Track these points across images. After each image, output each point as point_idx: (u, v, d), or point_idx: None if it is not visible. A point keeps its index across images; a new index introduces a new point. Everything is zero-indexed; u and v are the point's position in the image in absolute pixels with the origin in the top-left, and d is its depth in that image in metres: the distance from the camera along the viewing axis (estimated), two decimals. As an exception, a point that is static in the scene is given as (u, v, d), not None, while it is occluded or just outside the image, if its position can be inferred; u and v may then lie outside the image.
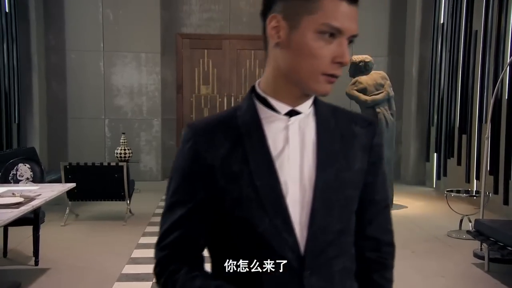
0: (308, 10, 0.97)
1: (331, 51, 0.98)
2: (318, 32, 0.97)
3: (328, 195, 1.03)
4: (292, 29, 0.99)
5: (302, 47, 0.98)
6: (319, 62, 0.98)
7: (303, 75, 1.00)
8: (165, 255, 1.05)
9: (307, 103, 1.07)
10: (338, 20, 0.96)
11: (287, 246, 1.00)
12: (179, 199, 1.05)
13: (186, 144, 1.05)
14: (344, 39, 0.98)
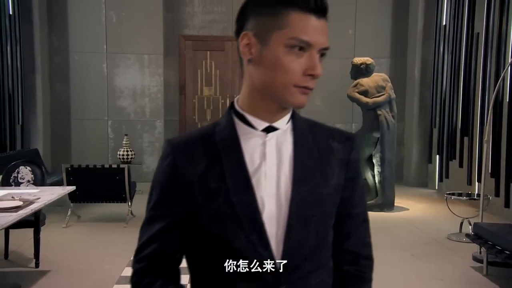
0: (277, 25, 0.99)
1: (302, 64, 1.00)
2: (288, 46, 0.99)
3: (304, 210, 1.05)
4: (263, 45, 1.01)
5: (274, 62, 1.00)
6: (290, 75, 1.00)
7: (277, 89, 1.02)
8: (142, 267, 1.07)
9: (285, 119, 1.08)
10: (307, 34, 0.99)
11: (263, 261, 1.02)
12: (157, 213, 1.07)
13: (165, 160, 1.07)
14: (314, 52, 1.00)
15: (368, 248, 1.22)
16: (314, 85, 1.03)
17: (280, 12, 0.99)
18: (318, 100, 8.75)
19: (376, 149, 6.68)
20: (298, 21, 0.99)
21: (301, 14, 0.99)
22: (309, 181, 1.07)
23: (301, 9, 0.99)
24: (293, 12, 0.99)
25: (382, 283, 4.04)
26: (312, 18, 1.00)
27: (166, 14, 8.59)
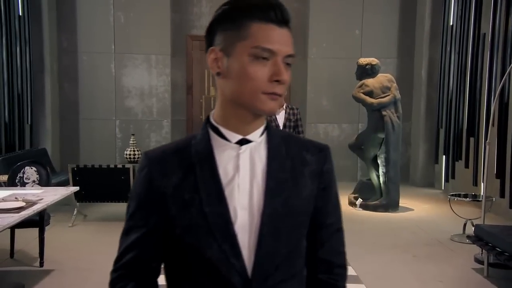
0: (240, 37, 1.04)
1: (267, 72, 1.03)
2: (252, 55, 1.03)
3: (275, 221, 1.08)
4: (229, 57, 1.05)
5: (240, 72, 1.04)
6: (257, 83, 1.03)
7: (246, 98, 1.05)
8: (118, 276, 1.11)
9: (258, 131, 1.12)
10: (268, 42, 1.03)
11: (234, 270, 1.05)
12: (134, 224, 1.11)
13: (141, 172, 1.11)
14: (278, 59, 1.04)
15: (342, 257, 1.24)
16: (282, 91, 1.06)
17: (243, 24, 1.04)
18: (324, 100, 8.76)
19: (381, 150, 6.68)
20: (259, 31, 1.03)
21: (262, 25, 1.03)
22: (281, 193, 1.10)
23: (262, 20, 1.04)
24: (254, 23, 1.03)
25: (380, 284, 4.09)
26: (273, 27, 1.04)
27: (173, 15, 8.64)
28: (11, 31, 7.33)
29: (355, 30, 8.75)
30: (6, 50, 7.19)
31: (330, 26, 8.63)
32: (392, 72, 8.57)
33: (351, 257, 4.66)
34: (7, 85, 7.23)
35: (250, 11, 1.04)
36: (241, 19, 1.04)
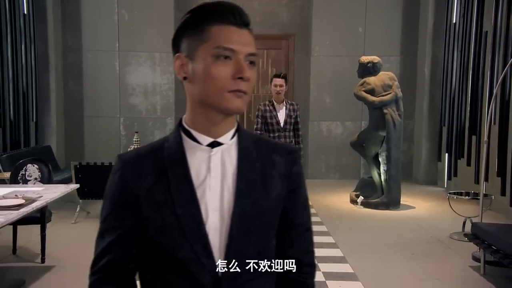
0: (202, 40, 1.08)
1: (230, 70, 1.07)
2: (214, 56, 1.07)
3: (245, 222, 1.12)
4: (193, 61, 1.10)
5: (204, 73, 1.08)
6: (221, 82, 1.07)
7: (212, 97, 1.09)
8: (96, 279, 1.15)
9: (229, 134, 1.15)
10: (229, 42, 1.07)
11: (205, 270, 1.09)
12: (109, 226, 1.14)
13: (115, 174, 1.15)
14: (240, 58, 1.08)
15: (310, 256, 1.27)
16: (247, 88, 1.09)
17: (204, 28, 1.09)
18: (327, 98, 8.78)
19: (382, 148, 6.70)
20: (219, 32, 1.08)
21: (222, 26, 1.08)
22: (251, 194, 1.13)
23: (221, 23, 1.09)
24: (214, 26, 1.08)
25: (377, 281, 4.12)
26: (233, 29, 1.09)
27: (177, 13, 8.68)
28: (16, 29, 7.41)
29: (358, 28, 8.75)
30: (11, 48, 7.27)
31: (333, 24, 8.65)
32: (395, 70, 8.59)
33: (349, 254, 4.74)
34: (12, 82, 7.31)
35: (210, 16, 1.09)
36: (202, 24, 1.09)
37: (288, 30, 8.98)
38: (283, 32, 8.96)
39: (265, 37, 8.84)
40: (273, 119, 5.13)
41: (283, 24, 8.99)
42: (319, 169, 8.84)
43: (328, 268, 4.40)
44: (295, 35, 8.98)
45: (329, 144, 8.82)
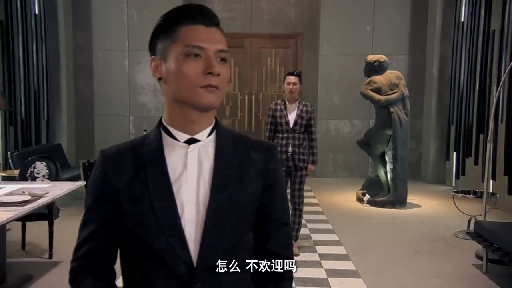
0: (173, 40, 1.14)
1: (200, 67, 1.13)
2: (184, 55, 1.13)
3: (220, 216, 1.17)
4: (166, 61, 1.16)
5: (176, 71, 1.14)
6: (192, 78, 1.13)
7: (186, 94, 1.14)
8: (77, 266, 1.21)
9: (205, 131, 1.20)
10: (197, 40, 1.13)
11: (180, 261, 1.14)
12: (90, 217, 1.21)
13: (97, 169, 1.21)
14: (209, 54, 1.13)
15: (288, 249, 1.31)
16: (218, 83, 1.14)
17: (174, 30, 1.15)
18: (335, 96, 8.80)
19: (388, 146, 6.72)
20: (188, 32, 1.14)
21: (190, 26, 1.15)
22: (226, 189, 1.18)
23: (190, 24, 1.15)
24: (183, 27, 1.15)
25: (378, 279, 4.15)
26: (201, 27, 1.15)
27: (186, 12, 8.75)
28: (27, 29, 7.53)
29: (366, 27, 8.76)
30: (22, 47, 7.40)
31: (341, 23, 8.66)
32: (403, 69, 8.59)
33: (352, 252, 4.77)
34: (23, 82, 7.44)
35: (180, 18, 1.15)
36: (173, 26, 1.15)
37: (296, 29, 9.02)
38: (291, 31, 8.99)
39: (273, 36, 8.90)
40: (282, 118, 4.73)
41: (291, 23, 9.03)
42: (327, 168, 8.87)
43: (331, 266, 4.44)
44: (303, 34, 9.01)
45: (337, 143, 8.84)
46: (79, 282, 1.19)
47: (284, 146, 4.66)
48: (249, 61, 9.00)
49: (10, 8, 7.12)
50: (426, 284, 4.13)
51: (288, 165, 4.64)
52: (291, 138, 4.67)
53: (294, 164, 4.65)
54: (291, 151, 4.65)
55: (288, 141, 4.66)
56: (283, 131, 4.71)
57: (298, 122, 4.69)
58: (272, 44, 8.95)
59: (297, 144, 4.68)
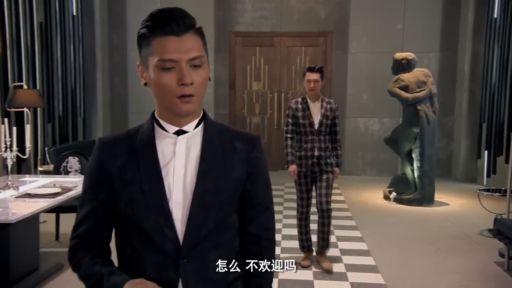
0: (149, 53, 1.25)
1: (174, 78, 1.23)
2: (159, 67, 1.23)
3: (205, 198, 1.29)
4: (148, 70, 1.27)
5: (154, 82, 1.26)
6: (168, 90, 1.24)
7: (165, 102, 1.28)
8: (75, 244, 1.35)
9: (192, 124, 1.33)
10: (168, 53, 1.22)
11: (167, 238, 1.28)
12: (87, 198, 1.35)
13: (94, 154, 1.35)
14: (181, 65, 1.23)
15: (270, 232, 1.43)
16: (193, 91, 1.24)
17: (149, 41, 1.24)
18: (364, 94, 8.81)
19: (415, 144, 6.71)
20: (159, 45, 1.23)
21: (161, 38, 1.23)
22: (212, 175, 1.31)
23: (161, 35, 1.23)
24: (156, 39, 1.23)
25: (397, 274, 4.20)
26: (172, 39, 1.23)
27: (217, 12, 8.93)
28: (65, 30, 7.84)
29: (396, 25, 8.73)
30: (60, 48, 7.70)
31: (371, 21, 8.66)
32: (434, 67, 8.54)
33: (373, 248, 4.83)
34: (61, 80, 7.74)
35: (152, 29, 1.24)
36: (148, 38, 1.25)
37: (326, 27, 9.06)
38: (321, 29, 9.05)
39: (303, 35, 8.97)
40: (305, 119, 4.24)
41: (321, 21, 9.08)
42: (356, 166, 8.89)
43: (351, 261, 4.52)
44: (332, 32, 9.04)
45: (366, 141, 8.85)
46: (78, 259, 1.33)
47: (310, 150, 4.23)
48: (279, 59, 9.10)
49: (49, 9, 7.42)
50: (444, 280, 4.16)
51: (314, 170, 4.27)
52: (316, 141, 4.23)
53: (320, 169, 4.26)
54: (317, 155, 4.22)
55: (314, 145, 4.23)
56: (307, 133, 4.24)
57: (324, 122, 4.24)
58: (302, 43, 9.03)
59: (323, 147, 4.25)
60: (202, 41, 1.29)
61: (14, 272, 3.82)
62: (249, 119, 9.28)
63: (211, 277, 1.32)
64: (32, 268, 4.09)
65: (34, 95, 5.78)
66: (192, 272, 1.29)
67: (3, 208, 3.37)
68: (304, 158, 4.25)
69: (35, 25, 7.02)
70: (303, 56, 9.08)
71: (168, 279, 1.28)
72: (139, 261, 1.29)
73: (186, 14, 1.26)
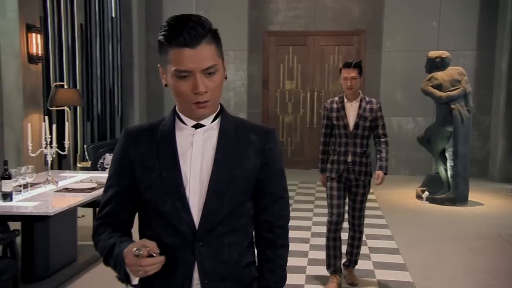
0: (167, 61, 1.34)
1: (189, 86, 1.32)
2: (175, 76, 1.33)
3: (220, 187, 1.39)
4: (167, 75, 1.36)
5: (172, 87, 1.35)
6: (184, 96, 1.34)
7: (182, 107, 1.39)
8: (98, 224, 1.47)
9: (210, 118, 1.43)
10: (183, 65, 1.30)
11: (184, 222, 1.38)
12: (111, 183, 1.46)
13: (119, 143, 1.47)
14: (196, 75, 1.31)
15: (283, 220, 1.51)
16: (207, 98, 1.34)
17: (167, 51, 1.33)
18: (398, 93, 8.76)
19: (449, 143, 6.66)
20: (175, 56, 1.31)
21: (177, 50, 1.30)
22: (227, 165, 1.40)
23: (177, 47, 1.30)
24: (172, 50, 1.31)
25: (425, 272, 4.21)
26: (186, 50, 1.30)
27: (251, 12, 9.04)
28: (104, 31, 8.10)
29: (432, 23, 8.64)
30: (99, 48, 7.96)
31: (406, 19, 8.60)
32: (470, 65, 8.44)
33: (402, 247, 4.84)
34: (100, 80, 8.01)
35: (169, 39, 1.31)
36: (166, 47, 1.32)
37: (359, 26, 9.05)
38: (354, 28, 9.04)
39: (336, 34, 8.99)
40: (340, 120, 3.78)
41: (355, 20, 9.07)
42: (389, 165, 8.76)
43: (379, 259, 4.54)
44: (366, 31, 9.03)
45: (400, 140, 8.79)
46: (99, 234, 1.45)
47: (343, 154, 3.78)
48: (312, 58, 9.14)
49: (89, 12, 7.69)
50: (473, 279, 4.14)
51: (348, 177, 3.78)
52: (351, 144, 3.76)
53: (355, 178, 3.78)
54: (351, 161, 3.75)
55: (348, 149, 3.76)
56: (341, 136, 3.80)
57: (360, 124, 3.74)
58: (335, 42, 9.04)
59: (358, 152, 3.76)
60: (216, 46, 1.36)
61: (53, 263, 4.02)
62: (281, 118, 9.36)
63: (225, 260, 1.41)
64: (70, 260, 4.29)
65: (74, 95, 6.02)
66: (207, 254, 1.39)
67: (43, 201, 3.56)
68: (336, 162, 3.80)
69: (76, 27, 7.29)
70: (336, 55, 9.10)
71: (185, 260, 1.38)
72: (158, 243, 1.38)
73: (200, 23, 1.32)
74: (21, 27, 5.63)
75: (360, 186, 3.80)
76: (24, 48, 5.67)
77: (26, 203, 3.48)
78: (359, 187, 3.80)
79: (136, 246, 1.29)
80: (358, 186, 3.80)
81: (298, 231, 5.29)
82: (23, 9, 5.64)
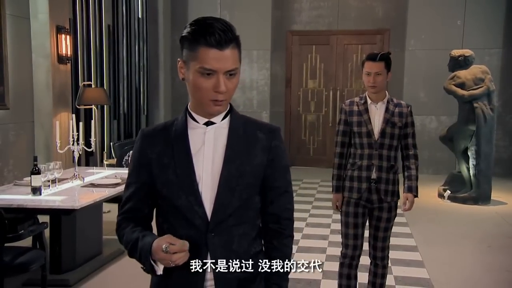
0: (193, 57, 1.42)
1: (211, 84, 1.41)
2: (199, 72, 1.41)
3: (230, 182, 1.49)
4: (187, 70, 1.45)
5: (192, 82, 1.44)
6: (204, 92, 1.43)
7: (198, 101, 1.48)
8: (121, 219, 1.58)
9: (221, 116, 1.53)
10: (209, 64, 1.39)
11: (197, 215, 1.49)
12: (131, 181, 1.58)
13: (137, 143, 1.58)
14: (219, 75, 1.40)
15: (289, 212, 1.61)
16: (225, 97, 1.44)
17: (194, 48, 1.41)
18: (422, 92, 8.74)
19: (471, 142, 6.63)
20: (203, 55, 1.40)
21: (206, 49, 1.39)
22: (236, 161, 1.50)
23: (206, 46, 1.39)
24: (200, 48, 1.39)
25: (443, 270, 4.25)
26: (214, 51, 1.39)
27: (275, 11, 9.13)
28: (131, 32, 8.30)
29: (456, 21, 8.59)
30: (126, 49, 8.16)
31: (430, 17, 8.58)
32: (496, 63, 8.37)
33: (421, 244, 4.88)
34: (126, 80, 8.20)
35: (198, 38, 1.39)
36: (193, 44, 1.41)
37: (383, 25, 9.05)
38: (378, 27, 9.05)
39: (359, 33, 9.02)
40: (362, 126, 3.05)
41: (378, 19, 9.08)
42: (413, 164, 8.81)
43: (397, 256, 4.58)
44: (389, 30, 9.03)
45: (423, 139, 8.75)
46: (122, 229, 1.57)
47: (365, 169, 3.02)
48: (335, 57, 9.19)
49: (116, 13, 7.89)
50: (491, 277, 4.16)
51: (370, 198, 3.03)
52: (375, 157, 3.01)
53: (378, 199, 3.02)
54: (375, 178, 3.00)
55: (372, 162, 3.01)
56: (363, 146, 3.05)
57: (388, 132, 3.01)
58: (358, 41, 9.07)
59: (385, 166, 3.01)
60: (239, 51, 1.46)
61: (79, 255, 4.19)
62: (304, 117, 9.43)
63: (236, 250, 1.52)
64: (96, 253, 4.45)
65: (101, 94, 6.19)
66: (219, 244, 1.50)
67: (70, 196, 3.72)
68: (356, 179, 3.04)
69: (104, 28, 7.49)
70: (360, 54, 9.12)
71: (199, 249, 1.49)
72: (174, 234, 1.49)
73: (229, 28, 1.41)
74: (51, 28, 5.84)
75: (385, 210, 3.04)
76: (54, 48, 5.88)
77: (54, 197, 3.66)
78: (383, 211, 3.04)
79: (163, 242, 1.40)
80: (382, 210, 3.04)
81: (318, 227, 5.37)
82: (53, 11, 5.86)
